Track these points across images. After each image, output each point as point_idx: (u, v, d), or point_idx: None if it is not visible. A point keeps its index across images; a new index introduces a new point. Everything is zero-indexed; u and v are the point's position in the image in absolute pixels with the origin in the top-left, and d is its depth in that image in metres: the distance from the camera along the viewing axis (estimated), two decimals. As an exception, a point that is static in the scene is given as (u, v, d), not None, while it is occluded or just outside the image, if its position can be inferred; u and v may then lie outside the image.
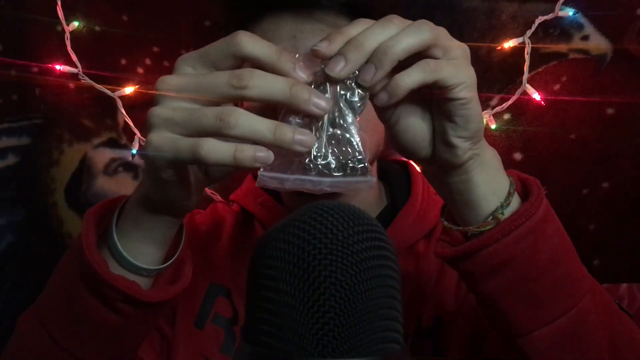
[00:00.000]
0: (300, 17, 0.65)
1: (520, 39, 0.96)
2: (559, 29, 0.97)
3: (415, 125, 0.47)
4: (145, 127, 0.43)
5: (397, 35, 0.42)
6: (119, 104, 1.02)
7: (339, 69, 0.41)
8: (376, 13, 0.51)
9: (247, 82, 0.40)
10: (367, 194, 0.75)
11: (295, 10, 0.65)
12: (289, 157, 0.43)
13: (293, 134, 0.40)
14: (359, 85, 0.43)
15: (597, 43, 0.97)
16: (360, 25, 0.43)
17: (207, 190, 1.04)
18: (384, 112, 0.47)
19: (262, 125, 0.40)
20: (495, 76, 0.99)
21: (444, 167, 0.49)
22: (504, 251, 0.48)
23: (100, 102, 1.04)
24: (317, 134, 0.43)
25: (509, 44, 0.96)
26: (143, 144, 1.02)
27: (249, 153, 0.40)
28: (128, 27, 1.03)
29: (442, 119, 0.46)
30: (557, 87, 0.99)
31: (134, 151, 1.03)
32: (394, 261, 0.33)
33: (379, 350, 0.31)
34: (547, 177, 1.02)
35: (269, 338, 0.31)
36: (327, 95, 0.42)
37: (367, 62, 0.42)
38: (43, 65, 1.02)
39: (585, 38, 0.97)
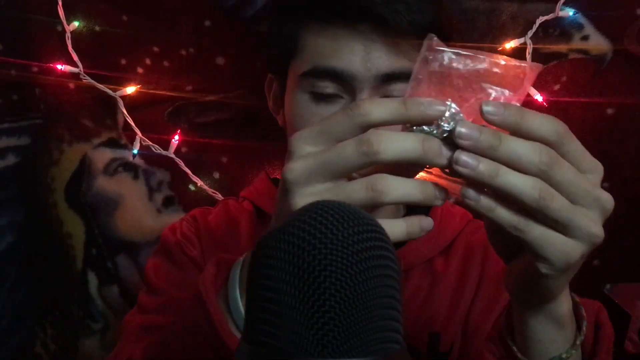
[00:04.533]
0: (363, 33, 0.63)
1: (521, 40, 0.96)
2: (559, 29, 0.97)
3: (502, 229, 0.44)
4: (288, 190, 0.42)
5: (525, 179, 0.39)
6: (121, 103, 1.02)
7: (464, 170, 0.39)
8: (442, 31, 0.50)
9: (377, 146, 0.38)
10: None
11: (356, 23, 0.63)
12: None
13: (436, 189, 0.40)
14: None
15: (597, 43, 0.97)
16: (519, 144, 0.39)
17: (209, 190, 1.04)
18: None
19: (412, 187, 0.40)
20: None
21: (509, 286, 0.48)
22: None
23: (100, 102, 1.04)
24: None
25: (510, 45, 0.96)
26: (145, 143, 1.03)
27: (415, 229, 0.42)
28: (128, 27, 1.03)
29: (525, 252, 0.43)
30: (557, 87, 0.99)
31: (135, 151, 1.03)
32: (394, 261, 0.33)
33: (379, 350, 0.31)
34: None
35: (268, 338, 0.31)
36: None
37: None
38: (44, 65, 1.03)
39: (585, 38, 0.97)
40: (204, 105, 1.05)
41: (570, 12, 0.95)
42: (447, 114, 0.40)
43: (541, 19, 0.95)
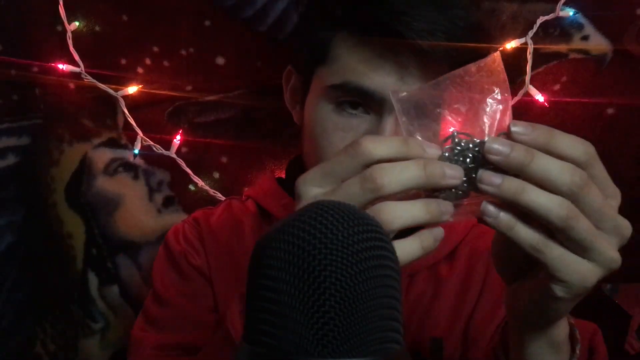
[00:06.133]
0: (398, 56, 0.61)
1: (522, 40, 0.96)
2: (559, 29, 0.97)
3: (512, 249, 0.44)
4: None
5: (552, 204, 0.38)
6: (122, 103, 1.02)
7: (488, 187, 0.39)
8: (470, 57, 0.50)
9: (380, 181, 0.39)
10: None
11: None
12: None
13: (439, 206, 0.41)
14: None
15: (597, 43, 0.97)
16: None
17: (210, 190, 1.04)
18: None
19: (417, 209, 0.40)
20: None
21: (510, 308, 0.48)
22: None
23: (100, 102, 1.04)
24: None
25: (511, 45, 0.96)
26: (146, 143, 1.03)
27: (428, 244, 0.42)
28: (128, 27, 1.03)
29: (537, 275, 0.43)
30: (557, 87, 0.99)
31: (136, 151, 1.03)
32: (394, 261, 0.33)
33: (379, 350, 0.31)
34: (547, 177, 1.02)
35: (269, 338, 0.31)
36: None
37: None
38: (45, 65, 1.02)
39: (585, 38, 0.97)
40: (204, 105, 1.04)
41: (570, 12, 0.95)
42: (459, 139, 0.41)
43: (541, 19, 0.95)
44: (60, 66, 1.01)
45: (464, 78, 0.43)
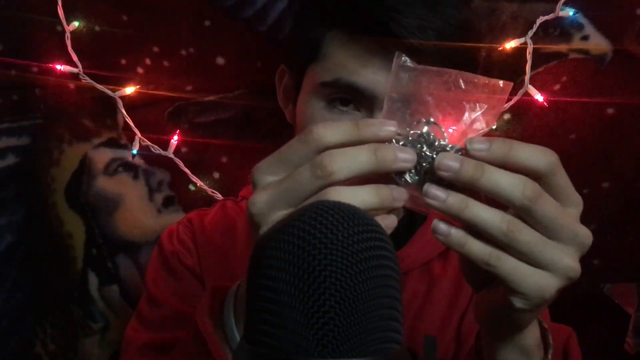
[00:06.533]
0: (390, 53, 0.62)
1: (522, 40, 0.96)
2: (559, 29, 0.97)
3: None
4: (256, 222, 0.42)
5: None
6: (120, 104, 1.02)
7: (433, 202, 0.39)
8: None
9: (331, 167, 0.39)
10: None
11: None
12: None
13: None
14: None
15: (597, 43, 0.97)
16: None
17: (209, 190, 1.04)
18: None
19: (365, 193, 0.40)
20: (496, 76, 0.99)
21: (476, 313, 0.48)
22: None
23: (100, 102, 1.04)
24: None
25: (510, 45, 0.96)
26: (144, 143, 1.03)
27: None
28: (128, 27, 1.03)
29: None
30: (557, 87, 0.99)
31: (135, 151, 1.03)
32: (394, 261, 0.33)
33: (379, 350, 0.31)
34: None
35: (268, 338, 0.31)
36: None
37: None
38: (43, 65, 1.02)
39: (585, 38, 0.97)
40: (204, 105, 1.04)
41: (570, 12, 0.95)
42: (424, 128, 0.41)
43: (541, 19, 0.95)
44: (58, 67, 1.01)
45: (468, 83, 0.42)
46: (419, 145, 0.41)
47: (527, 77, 0.96)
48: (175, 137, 1.03)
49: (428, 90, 0.42)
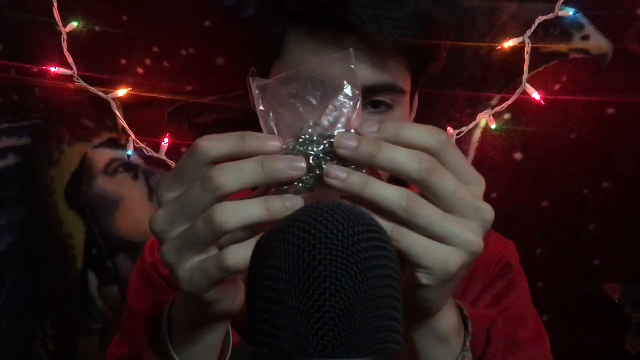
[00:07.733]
0: (348, 46, 0.62)
1: (520, 39, 0.96)
2: (559, 29, 0.97)
3: None
4: (170, 269, 0.43)
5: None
6: (114, 105, 1.02)
7: (335, 182, 0.40)
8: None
9: (218, 180, 0.39)
10: None
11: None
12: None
13: (283, 204, 0.40)
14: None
15: (597, 43, 0.97)
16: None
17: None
18: None
19: (254, 206, 0.40)
20: (496, 76, 0.99)
21: None
22: None
23: (100, 102, 1.04)
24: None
25: (508, 44, 0.96)
26: (137, 145, 1.03)
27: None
28: (128, 27, 1.03)
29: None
30: (557, 86, 0.99)
31: (129, 152, 1.03)
32: (394, 261, 0.33)
33: (379, 350, 0.31)
34: (547, 177, 1.02)
35: (269, 338, 0.31)
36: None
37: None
38: (39, 68, 1.03)
39: (585, 38, 0.97)
40: (204, 105, 1.04)
41: (570, 11, 0.95)
42: (309, 130, 0.41)
43: (541, 18, 0.95)
44: (52, 69, 1.01)
45: (318, 71, 0.43)
46: (309, 148, 0.41)
47: (524, 76, 0.96)
48: (166, 140, 1.03)
49: (291, 95, 0.43)
